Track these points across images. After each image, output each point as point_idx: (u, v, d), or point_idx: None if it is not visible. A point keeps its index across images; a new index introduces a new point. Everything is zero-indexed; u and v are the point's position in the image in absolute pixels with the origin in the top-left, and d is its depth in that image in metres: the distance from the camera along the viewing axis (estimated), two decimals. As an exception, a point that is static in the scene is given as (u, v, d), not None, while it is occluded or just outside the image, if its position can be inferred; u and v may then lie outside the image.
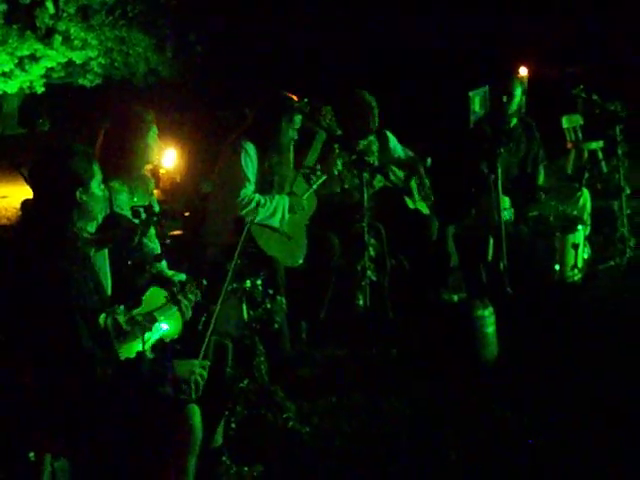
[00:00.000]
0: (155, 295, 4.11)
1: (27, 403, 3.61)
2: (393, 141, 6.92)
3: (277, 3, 17.77)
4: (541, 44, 16.03)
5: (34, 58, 16.18)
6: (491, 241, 6.75)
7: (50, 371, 3.55)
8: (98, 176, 3.79)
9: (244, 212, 5.53)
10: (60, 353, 3.50)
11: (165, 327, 4.01)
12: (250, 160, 5.69)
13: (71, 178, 3.70)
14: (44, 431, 3.65)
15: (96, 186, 3.78)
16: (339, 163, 6.06)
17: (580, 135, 11.41)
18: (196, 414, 3.49)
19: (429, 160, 6.90)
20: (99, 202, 3.86)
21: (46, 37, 16.18)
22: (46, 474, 3.72)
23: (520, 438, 4.56)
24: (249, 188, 5.66)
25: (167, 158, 6.02)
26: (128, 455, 3.52)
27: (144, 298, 3.95)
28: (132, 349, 3.73)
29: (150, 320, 3.86)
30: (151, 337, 3.87)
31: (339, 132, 5.90)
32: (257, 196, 5.67)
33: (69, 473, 3.84)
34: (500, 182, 6.35)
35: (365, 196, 5.59)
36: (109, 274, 4.23)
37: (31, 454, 3.70)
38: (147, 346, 3.77)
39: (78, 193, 3.70)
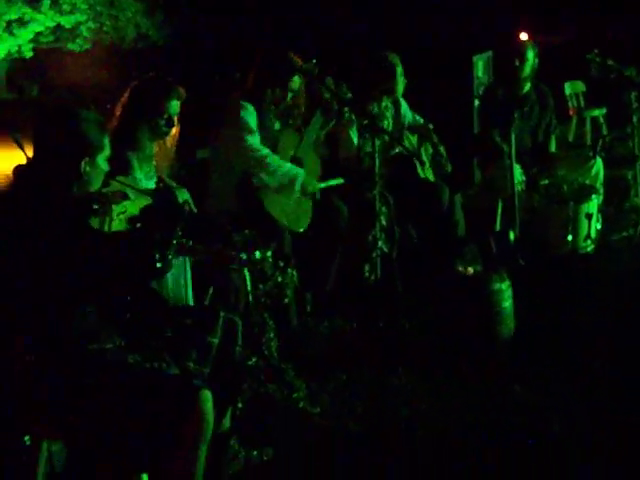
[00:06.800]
0: None
1: (21, 385, 3.38)
2: (404, 106, 6.61)
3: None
4: (541, 9, 15.84)
5: (22, 22, 15.91)
6: (499, 210, 6.56)
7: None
8: (107, 151, 3.52)
9: (252, 162, 5.31)
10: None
11: None
12: (251, 116, 5.41)
13: (80, 145, 3.42)
14: (40, 414, 3.41)
15: (102, 160, 3.51)
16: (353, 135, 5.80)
17: (582, 102, 11.20)
18: (208, 400, 3.22)
19: (431, 126, 6.64)
20: (100, 176, 3.58)
21: (34, 1, 15.91)
22: (42, 458, 3.51)
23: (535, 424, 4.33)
24: (255, 137, 5.38)
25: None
26: (131, 441, 3.27)
27: None
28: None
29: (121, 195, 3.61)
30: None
31: (349, 95, 5.61)
32: (266, 149, 5.39)
33: (66, 457, 3.66)
34: (514, 150, 6.13)
35: (377, 163, 5.33)
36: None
37: (26, 438, 3.50)
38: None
39: (84, 163, 3.43)
